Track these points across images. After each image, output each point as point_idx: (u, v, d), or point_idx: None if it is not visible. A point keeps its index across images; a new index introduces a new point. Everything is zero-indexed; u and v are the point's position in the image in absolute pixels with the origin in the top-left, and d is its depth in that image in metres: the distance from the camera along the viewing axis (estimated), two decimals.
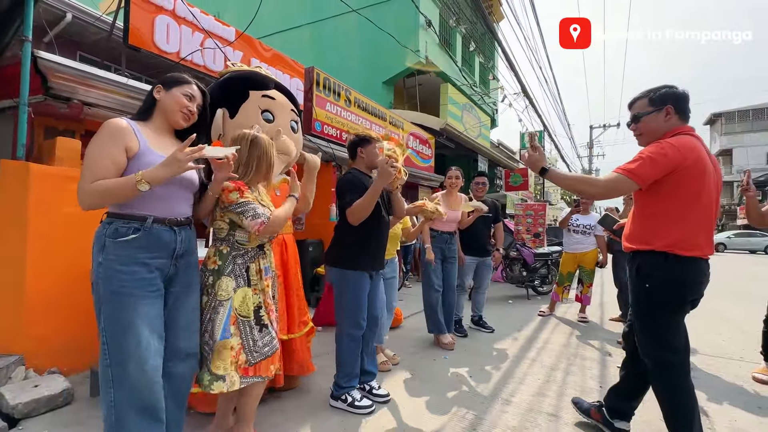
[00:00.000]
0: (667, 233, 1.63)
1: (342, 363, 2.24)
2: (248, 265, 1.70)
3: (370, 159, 2.33)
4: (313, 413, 2.15)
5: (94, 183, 1.26)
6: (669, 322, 1.68)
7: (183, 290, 1.50)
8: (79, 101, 2.90)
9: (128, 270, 1.31)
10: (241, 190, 1.61)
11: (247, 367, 1.64)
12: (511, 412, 2.22)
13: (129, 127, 1.35)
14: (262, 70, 2.52)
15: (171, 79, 1.51)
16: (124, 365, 1.28)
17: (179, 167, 1.30)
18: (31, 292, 2.40)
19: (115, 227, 1.33)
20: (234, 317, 1.63)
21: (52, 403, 2.11)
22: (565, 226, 4.51)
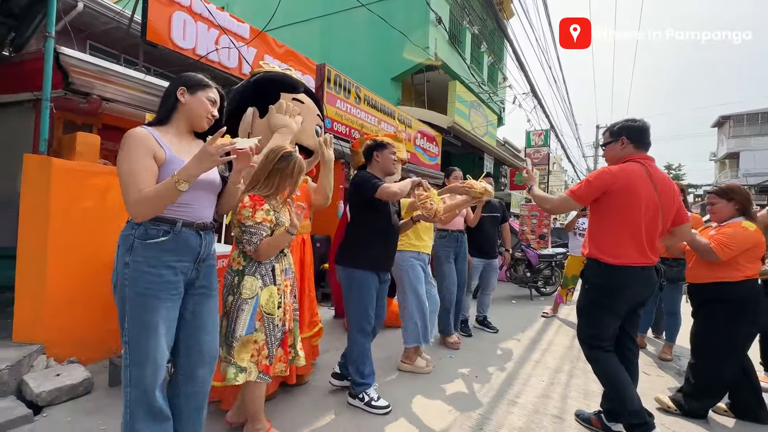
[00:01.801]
0: (598, 242, 2.00)
1: (353, 360, 2.30)
2: (273, 264, 1.77)
3: (384, 164, 2.37)
4: (323, 409, 2.22)
5: (141, 193, 1.27)
6: (600, 319, 2.02)
7: (205, 293, 1.52)
8: (97, 96, 2.95)
9: (155, 272, 1.33)
10: (255, 209, 1.65)
11: (267, 364, 1.71)
12: (516, 413, 2.29)
13: (151, 135, 1.35)
14: (292, 72, 2.56)
15: (194, 81, 1.49)
16: (143, 367, 1.32)
17: (212, 161, 1.28)
18: (51, 283, 2.47)
19: (144, 229, 1.34)
20: (260, 313, 1.70)
21: (73, 391, 2.19)
22: (572, 230, 4.55)
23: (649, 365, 3.21)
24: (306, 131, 2.33)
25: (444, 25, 9.37)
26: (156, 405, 1.37)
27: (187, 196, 1.39)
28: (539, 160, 17.03)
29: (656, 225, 1.95)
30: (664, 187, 1.95)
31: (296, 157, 1.76)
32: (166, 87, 1.52)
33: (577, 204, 2.05)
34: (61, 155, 2.83)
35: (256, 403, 1.78)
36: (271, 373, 1.75)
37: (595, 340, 2.05)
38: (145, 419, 1.36)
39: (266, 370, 1.71)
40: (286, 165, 1.73)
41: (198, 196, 1.45)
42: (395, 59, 9.46)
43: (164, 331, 1.36)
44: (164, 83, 3.28)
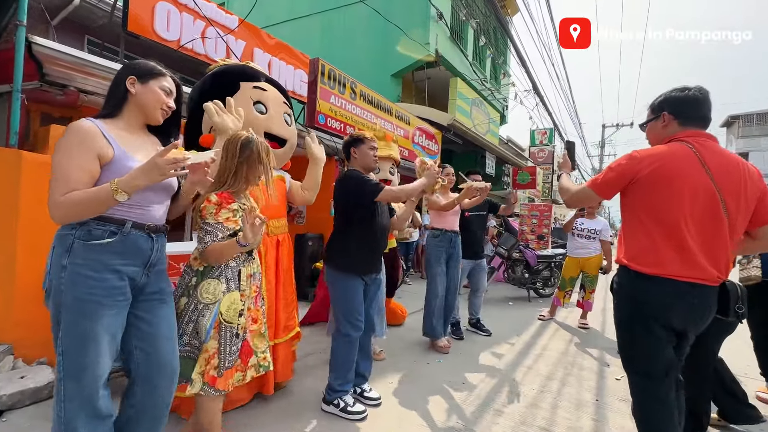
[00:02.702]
0: (628, 245, 1.60)
1: (336, 365, 2.19)
2: (240, 269, 1.65)
3: (363, 160, 2.26)
4: (300, 417, 2.11)
5: (67, 195, 1.15)
6: (635, 341, 1.57)
7: (159, 299, 1.41)
8: (75, 88, 2.85)
9: (98, 276, 1.21)
10: (220, 207, 1.54)
11: (216, 376, 1.57)
12: (501, 423, 2.16)
13: (97, 129, 1.22)
14: (252, 64, 2.45)
15: (146, 69, 1.36)
16: (79, 379, 1.20)
17: (160, 175, 1.17)
18: (21, 280, 2.38)
19: (87, 228, 1.22)
20: (218, 321, 1.57)
21: (37, 395, 2.10)
22: (570, 230, 4.40)
23: None
24: (273, 119, 2.21)
25: (445, 21, 9.21)
26: (97, 424, 1.25)
27: (139, 197, 1.29)
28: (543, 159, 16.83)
29: (717, 225, 1.43)
30: (727, 172, 1.44)
31: (256, 139, 1.64)
32: (115, 76, 1.38)
33: (596, 196, 1.65)
34: (38, 149, 2.75)
35: (208, 414, 1.65)
36: (222, 386, 1.59)
37: (632, 364, 1.62)
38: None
39: (212, 382, 1.56)
40: (250, 152, 1.61)
41: (151, 197, 1.34)
42: (395, 55, 9.32)
43: (107, 341, 1.24)
44: None
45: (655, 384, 1.53)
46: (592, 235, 4.25)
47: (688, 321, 1.49)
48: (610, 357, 3.39)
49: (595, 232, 4.25)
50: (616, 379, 2.90)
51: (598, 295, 5.21)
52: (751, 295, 2.44)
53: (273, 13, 10.85)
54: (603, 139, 27.95)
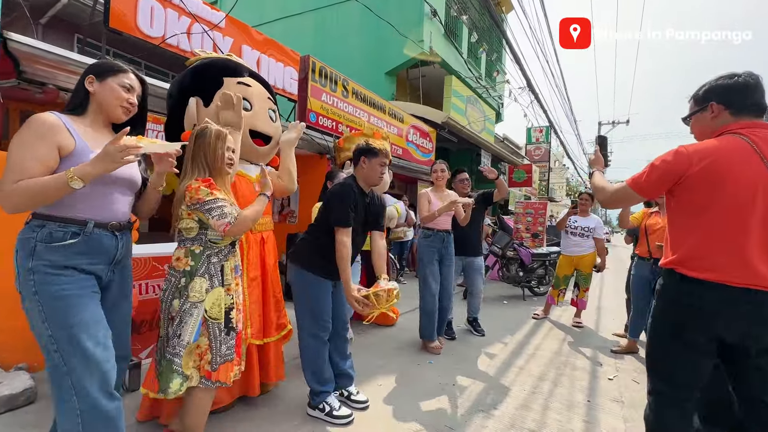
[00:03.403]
0: (676, 247, 1.46)
1: (307, 367, 2.15)
2: (222, 264, 1.63)
3: (369, 172, 2.18)
4: (285, 421, 2.06)
5: (19, 183, 1.13)
6: (671, 348, 1.45)
7: (120, 296, 1.43)
8: (54, 86, 2.78)
9: (67, 273, 1.22)
10: (211, 185, 1.53)
11: (210, 370, 1.57)
12: (490, 426, 2.12)
13: (60, 123, 1.22)
14: (233, 57, 2.38)
15: (104, 68, 1.36)
16: (84, 369, 1.20)
17: (113, 162, 1.17)
18: None
19: (48, 231, 1.21)
20: (204, 319, 1.56)
21: (12, 402, 2.03)
22: (563, 228, 4.36)
23: (641, 372, 3.03)
24: (258, 115, 2.15)
25: (439, 18, 9.16)
26: (112, 405, 1.25)
27: (101, 194, 1.29)
28: (540, 156, 16.84)
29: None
30: None
31: (210, 127, 1.63)
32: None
33: (638, 196, 1.53)
34: None
35: (198, 412, 1.63)
36: (223, 379, 1.60)
37: (656, 377, 1.51)
38: (101, 423, 1.22)
39: (208, 376, 1.56)
40: (204, 137, 1.60)
41: (113, 194, 1.33)
42: (389, 53, 9.27)
43: (100, 325, 1.26)
44: None
45: (679, 395, 1.44)
46: (586, 233, 4.21)
47: (744, 332, 1.33)
48: (603, 356, 3.36)
49: (589, 229, 4.21)
50: (608, 378, 2.87)
51: (592, 293, 5.19)
52: None
53: (265, 12, 10.77)
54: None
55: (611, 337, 3.96)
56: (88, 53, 6.20)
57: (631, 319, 3.48)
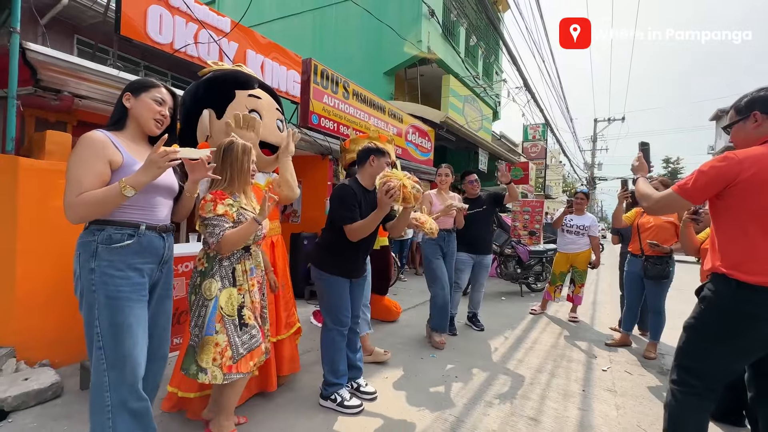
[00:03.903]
0: (727, 253, 1.49)
1: (328, 360, 2.27)
2: (234, 266, 1.75)
3: (377, 171, 2.25)
4: (300, 411, 2.19)
5: (81, 196, 1.27)
6: (709, 352, 1.51)
7: (164, 294, 1.57)
8: (69, 93, 2.88)
9: (123, 275, 1.35)
10: (215, 202, 1.65)
11: (231, 364, 1.70)
12: (492, 414, 2.26)
13: (108, 140, 1.35)
14: (243, 68, 2.49)
15: (139, 84, 1.49)
16: (122, 368, 1.33)
17: (158, 168, 1.32)
18: (21, 284, 2.43)
19: (107, 234, 1.35)
20: (219, 315, 1.68)
21: (41, 396, 2.15)
22: (559, 226, 4.50)
23: (633, 364, 3.19)
24: (267, 127, 2.27)
25: (437, 18, 9.24)
26: (141, 405, 1.38)
27: (148, 200, 1.43)
28: (536, 154, 16.99)
29: None
30: None
31: (236, 142, 1.78)
32: None
33: (685, 202, 1.55)
34: (33, 154, 2.78)
35: (230, 398, 1.79)
36: (244, 370, 1.72)
37: (689, 374, 1.55)
38: (130, 421, 1.35)
39: (229, 370, 1.69)
40: (231, 152, 1.75)
41: (157, 199, 1.48)
42: (388, 53, 9.35)
43: (141, 332, 1.39)
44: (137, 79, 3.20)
45: (709, 388, 1.51)
46: (581, 231, 4.36)
47: None
48: (598, 349, 3.51)
49: (584, 228, 4.35)
50: (602, 370, 3.02)
51: (587, 289, 5.35)
52: None
53: (265, 11, 10.81)
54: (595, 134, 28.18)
55: (606, 330, 4.12)
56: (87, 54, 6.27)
57: (624, 314, 3.63)
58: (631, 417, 2.31)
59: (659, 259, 3.17)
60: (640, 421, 2.26)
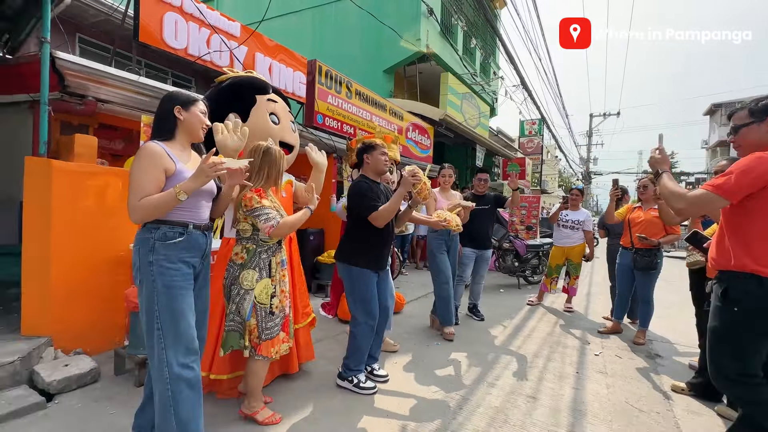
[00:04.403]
0: (754, 251, 1.54)
1: (356, 349, 2.45)
2: (270, 259, 1.96)
3: (375, 165, 2.48)
4: (320, 392, 2.40)
5: (143, 200, 1.47)
6: (752, 348, 1.58)
7: (203, 284, 1.77)
8: (93, 98, 3.03)
9: (176, 267, 1.55)
10: (261, 196, 1.86)
11: (257, 342, 1.92)
12: (494, 394, 2.48)
13: (163, 150, 1.53)
14: (255, 74, 2.66)
15: (186, 98, 1.66)
16: (176, 347, 1.54)
17: (207, 177, 1.52)
18: (56, 279, 2.61)
19: (162, 232, 1.54)
20: (254, 304, 1.90)
21: (81, 380, 2.34)
22: (555, 221, 4.72)
23: (623, 349, 3.42)
24: (285, 129, 2.47)
25: (435, 17, 9.38)
26: (193, 375, 1.58)
27: (194, 203, 1.62)
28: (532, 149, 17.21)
29: None
30: None
31: (273, 147, 1.99)
32: (159, 106, 1.66)
33: (723, 201, 1.56)
34: (60, 156, 2.93)
35: (256, 379, 1.99)
36: (265, 353, 1.93)
37: (743, 376, 1.60)
38: (186, 390, 1.55)
39: (258, 349, 1.91)
40: (271, 155, 1.96)
41: (201, 202, 1.67)
42: (387, 51, 9.48)
43: (190, 314, 1.60)
44: (157, 84, 3.36)
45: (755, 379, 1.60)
46: (576, 225, 4.58)
47: None
48: (591, 336, 3.74)
49: (579, 222, 4.58)
50: (595, 354, 3.25)
51: (581, 281, 5.60)
52: (696, 278, 2.79)
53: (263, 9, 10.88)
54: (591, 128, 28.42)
55: (599, 320, 4.36)
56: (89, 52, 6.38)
57: (616, 303, 3.87)
58: (620, 395, 2.54)
59: (648, 252, 3.40)
60: (628, 398, 2.49)
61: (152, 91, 3.31)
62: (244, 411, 2.01)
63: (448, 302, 3.57)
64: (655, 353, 3.36)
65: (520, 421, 2.16)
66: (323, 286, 4.96)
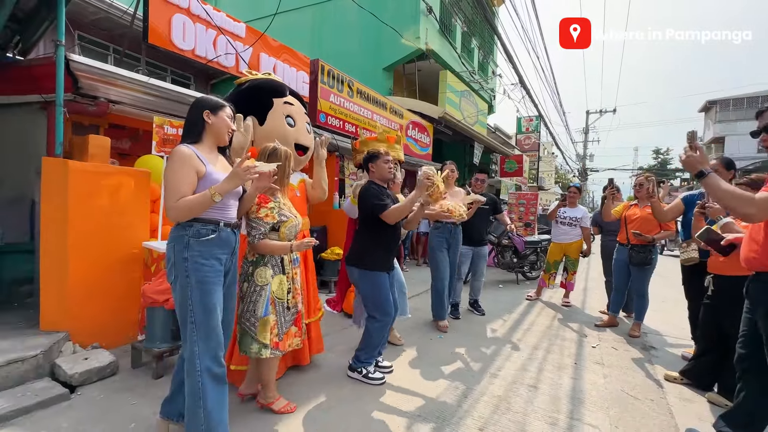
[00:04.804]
0: None
1: (371, 345, 2.56)
2: (282, 256, 2.03)
3: (380, 173, 2.58)
4: (330, 382, 2.51)
5: (180, 200, 1.55)
6: None
7: (233, 280, 1.85)
8: (105, 99, 3.10)
9: (209, 263, 1.63)
10: (259, 206, 1.93)
11: (277, 341, 2.00)
12: (497, 384, 2.60)
13: (193, 153, 1.62)
14: (273, 76, 2.74)
15: (215, 103, 1.73)
16: (210, 340, 1.63)
17: (241, 180, 1.62)
18: (73, 276, 2.69)
19: (196, 229, 1.62)
20: (272, 299, 1.99)
21: (101, 373, 2.44)
22: (554, 218, 4.84)
23: (619, 341, 3.55)
24: (300, 131, 2.55)
25: (435, 15, 9.43)
26: (221, 370, 1.68)
27: (224, 203, 1.71)
28: (530, 146, 17.35)
29: None
30: None
31: (280, 148, 2.04)
32: (189, 111, 1.74)
33: None
34: (72, 156, 3.00)
35: (270, 373, 2.09)
36: (282, 348, 2.03)
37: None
38: (213, 383, 1.65)
39: (276, 346, 2.00)
40: (276, 157, 2.01)
41: (231, 202, 1.76)
42: (387, 49, 9.53)
43: (220, 309, 1.69)
44: (166, 85, 3.44)
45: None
46: (574, 222, 4.70)
47: None
48: (588, 329, 3.88)
49: (576, 219, 4.70)
50: (592, 346, 3.38)
51: (579, 276, 5.73)
52: (689, 274, 2.91)
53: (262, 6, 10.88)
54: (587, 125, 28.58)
55: (595, 313, 4.49)
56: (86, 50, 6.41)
57: (612, 297, 4.00)
58: (617, 384, 2.67)
59: (643, 248, 3.52)
60: (624, 387, 2.62)
61: (160, 92, 3.38)
62: (261, 401, 2.12)
63: (441, 298, 3.69)
64: (649, 345, 3.49)
65: (523, 409, 2.28)
66: (326, 282, 5.06)
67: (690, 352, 3.02)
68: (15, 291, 3.39)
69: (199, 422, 1.63)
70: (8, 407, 2.01)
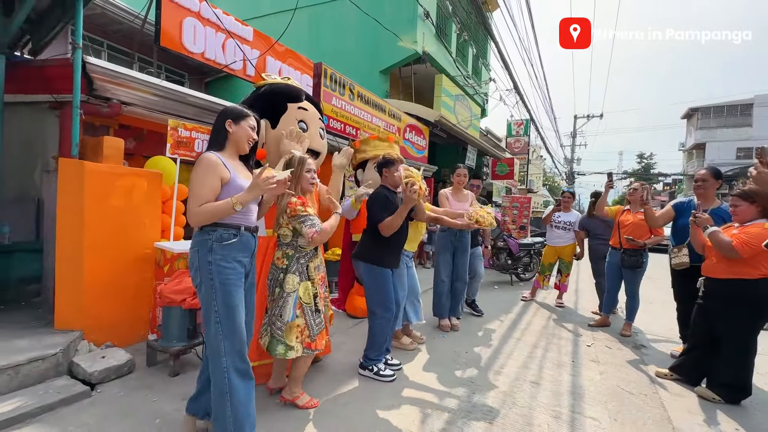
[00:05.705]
0: None
1: (376, 341, 2.67)
2: (308, 264, 2.12)
3: (392, 179, 2.70)
4: (343, 380, 2.61)
5: (201, 206, 1.62)
6: None
7: (251, 282, 1.92)
8: (118, 101, 3.14)
9: (231, 266, 1.70)
10: (305, 204, 2.02)
11: (310, 342, 2.10)
12: (501, 380, 2.73)
13: (219, 160, 1.68)
14: (292, 81, 2.83)
15: (238, 113, 1.80)
16: (234, 338, 1.70)
17: (261, 190, 1.66)
18: (88, 276, 2.73)
19: (219, 234, 1.69)
20: (300, 304, 2.08)
21: (119, 371, 2.49)
22: (548, 223, 5.02)
23: (612, 340, 3.74)
24: (312, 136, 2.65)
25: (431, 20, 9.59)
26: (246, 366, 1.75)
27: (244, 208, 1.74)
28: (519, 149, 17.69)
29: None
30: None
31: (295, 155, 2.13)
32: (215, 120, 1.82)
33: None
34: (85, 156, 3.03)
35: (301, 369, 2.20)
36: (315, 347, 2.14)
37: None
38: (240, 379, 1.72)
39: (309, 346, 2.11)
40: (291, 165, 2.09)
41: (250, 207, 1.83)
42: (384, 52, 9.64)
43: (243, 309, 1.76)
44: (178, 88, 3.47)
45: None
46: (568, 226, 4.89)
47: None
48: (582, 329, 4.05)
49: (570, 224, 4.88)
50: (587, 345, 3.55)
51: (572, 278, 5.94)
52: (680, 277, 3.10)
53: (260, 5, 10.88)
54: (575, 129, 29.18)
55: (588, 314, 4.69)
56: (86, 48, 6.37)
57: (605, 299, 4.19)
58: (612, 380, 2.83)
59: (635, 252, 3.71)
60: (619, 383, 2.79)
61: (172, 94, 3.42)
62: (286, 396, 2.21)
63: (440, 297, 3.82)
64: (640, 344, 3.68)
65: (528, 403, 2.42)
66: (328, 282, 5.13)
67: (678, 350, 3.21)
68: (22, 290, 3.39)
69: (227, 417, 1.70)
70: (33, 404, 2.05)
